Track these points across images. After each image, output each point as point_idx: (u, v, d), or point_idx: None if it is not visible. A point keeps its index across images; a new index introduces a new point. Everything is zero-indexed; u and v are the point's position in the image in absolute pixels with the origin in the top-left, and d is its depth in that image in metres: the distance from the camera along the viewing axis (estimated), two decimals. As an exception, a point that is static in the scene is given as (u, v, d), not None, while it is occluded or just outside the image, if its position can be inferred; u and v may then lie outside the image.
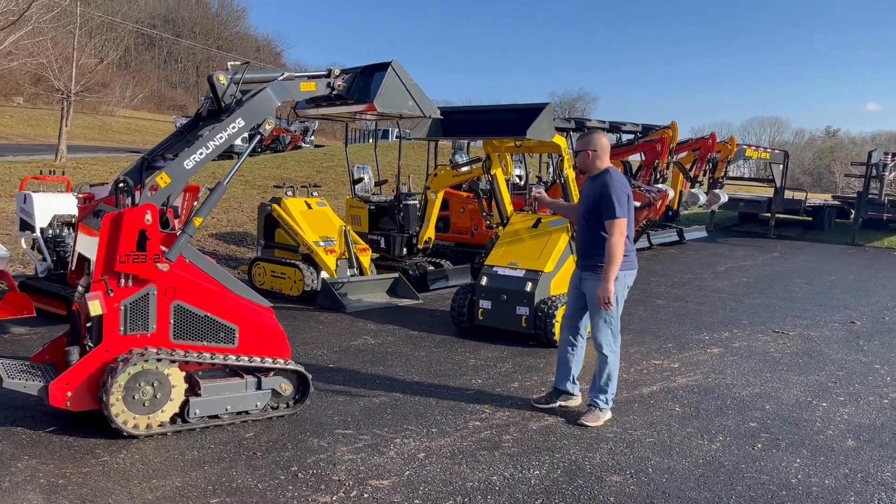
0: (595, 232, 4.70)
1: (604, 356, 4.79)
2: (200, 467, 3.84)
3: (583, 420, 4.77)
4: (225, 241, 12.05)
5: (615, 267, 4.53)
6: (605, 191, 4.59)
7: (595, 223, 4.69)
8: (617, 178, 4.70)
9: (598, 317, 4.72)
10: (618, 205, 4.54)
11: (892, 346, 7.41)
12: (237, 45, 61.95)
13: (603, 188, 4.62)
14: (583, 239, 4.85)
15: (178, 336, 4.29)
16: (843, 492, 3.90)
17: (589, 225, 4.76)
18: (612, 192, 4.57)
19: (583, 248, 4.85)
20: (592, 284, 4.67)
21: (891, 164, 19.39)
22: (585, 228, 4.81)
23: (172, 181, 4.18)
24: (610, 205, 4.55)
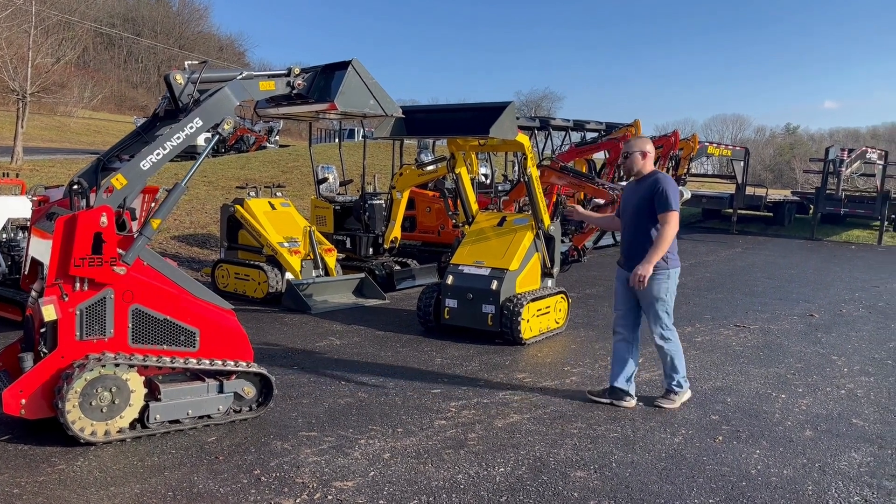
0: (646, 230, 4.94)
1: (660, 345, 5.06)
2: (161, 473, 3.78)
3: (659, 402, 5.11)
4: (188, 243, 11.87)
5: (660, 252, 4.82)
6: (659, 186, 4.87)
7: (647, 222, 4.93)
8: (667, 177, 5.03)
9: (653, 309, 4.99)
10: (672, 199, 4.84)
11: (849, 337, 7.59)
12: (199, 44, 61.10)
13: (655, 185, 4.90)
14: (633, 239, 5.05)
15: (136, 340, 4.21)
16: (801, 481, 3.97)
17: (639, 225, 4.99)
18: (667, 188, 4.87)
19: (633, 249, 5.03)
20: (649, 282, 4.88)
21: (847, 161, 19.84)
22: (634, 229, 5.03)
23: (129, 182, 4.10)
24: (666, 198, 4.83)
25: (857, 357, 6.76)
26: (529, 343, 6.78)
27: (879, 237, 18.34)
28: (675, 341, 5.11)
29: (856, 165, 21.08)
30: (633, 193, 5.09)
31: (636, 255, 4.95)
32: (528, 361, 6.28)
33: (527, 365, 6.16)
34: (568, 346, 6.88)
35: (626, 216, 5.12)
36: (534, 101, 69.05)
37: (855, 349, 7.07)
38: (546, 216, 7.35)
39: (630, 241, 5.06)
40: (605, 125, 15.71)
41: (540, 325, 6.99)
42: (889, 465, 4.23)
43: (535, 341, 6.88)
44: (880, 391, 5.71)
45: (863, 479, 4.04)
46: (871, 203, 18.60)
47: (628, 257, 5.06)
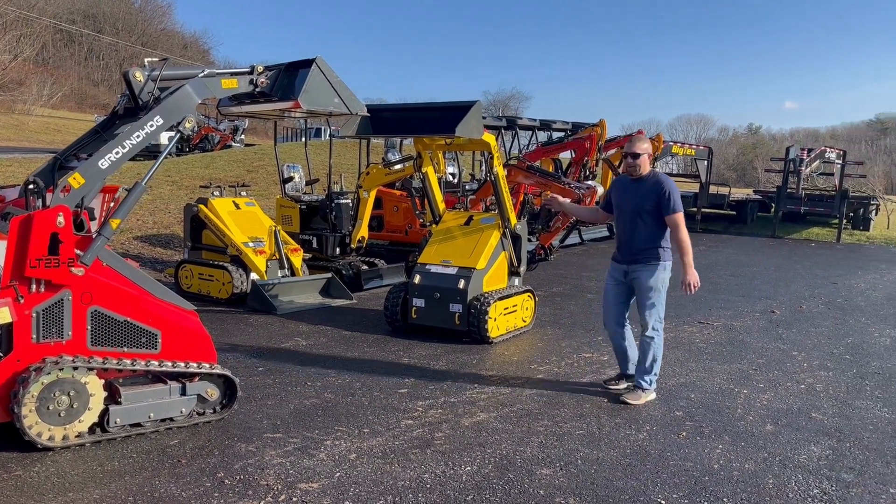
0: (650, 228, 5.13)
1: (650, 338, 5.20)
2: (121, 478, 3.71)
3: (625, 398, 5.20)
4: (150, 244, 11.68)
5: (690, 252, 5.09)
6: (665, 189, 5.08)
7: (650, 220, 5.12)
8: (669, 178, 5.24)
9: (649, 301, 5.17)
10: (679, 200, 5.11)
11: (809, 333, 7.74)
12: (163, 41, 60.17)
13: (660, 186, 5.10)
14: (633, 236, 5.21)
15: (95, 342, 4.12)
16: (762, 475, 4.04)
17: (642, 222, 5.15)
18: (673, 189, 5.09)
19: (632, 245, 5.21)
20: (647, 274, 5.14)
21: (807, 160, 20.25)
22: (636, 226, 5.18)
23: (86, 182, 4.02)
24: (675, 201, 5.06)
25: (816, 352, 6.90)
26: (497, 342, 6.80)
27: (838, 235, 18.75)
28: (662, 339, 5.29)
29: (815, 165, 21.51)
30: (632, 192, 5.25)
31: (639, 249, 5.18)
32: (496, 360, 6.29)
33: (494, 364, 6.17)
34: (535, 345, 6.91)
35: (625, 214, 5.27)
36: (501, 101, 69.33)
37: (814, 345, 7.22)
38: (513, 215, 7.37)
39: (633, 236, 5.21)
40: (572, 125, 15.80)
41: (507, 324, 7.01)
42: (847, 458, 4.32)
43: (502, 340, 6.89)
44: (839, 385, 5.84)
45: (822, 472, 4.12)
46: (830, 201, 19.01)
47: (629, 251, 5.24)
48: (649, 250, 5.15)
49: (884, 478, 4.07)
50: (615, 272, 5.36)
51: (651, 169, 5.29)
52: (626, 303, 5.38)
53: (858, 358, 6.75)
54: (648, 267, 5.14)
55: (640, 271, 5.18)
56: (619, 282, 5.32)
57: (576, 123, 15.71)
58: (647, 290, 5.17)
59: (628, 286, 5.30)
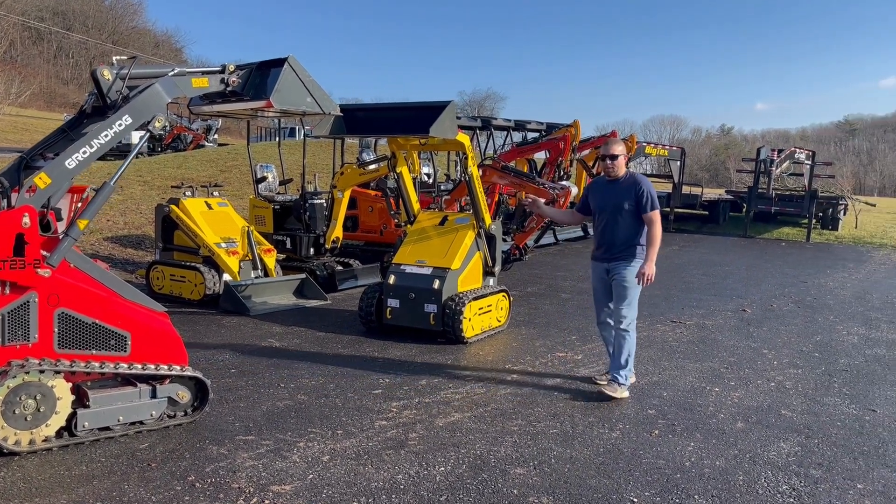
0: (629, 226, 5.30)
1: (624, 333, 5.33)
2: (89, 482, 3.64)
3: (605, 390, 5.34)
4: (121, 245, 11.52)
5: (657, 249, 5.22)
6: (643, 188, 5.26)
7: (629, 218, 5.29)
8: (645, 178, 5.42)
9: (626, 298, 5.30)
10: (656, 199, 5.29)
11: (780, 332, 7.85)
12: (134, 40, 59.46)
13: (637, 186, 5.28)
14: (613, 235, 5.36)
15: (63, 345, 4.05)
16: (732, 472, 4.08)
17: (622, 220, 5.32)
18: (650, 189, 5.28)
19: (613, 243, 5.37)
20: (626, 271, 5.28)
21: (777, 161, 20.54)
22: (616, 225, 5.34)
23: (53, 181, 3.94)
24: (652, 200, 5.25)
25: (786, 350, 7.00)
26: (471, 342, 6.80)
27: (808, 234, 19.04)
28: (635, 334, 5.43)
29: (785, 165, 21.84)
30: (610, 192, 5.41)
31: (619, 247, 5.33)
32: (470, 360, 6.29)
33: (468, 364, 6.18)
34: (509, 345, 6.92)
35: (604, 214, 5.41)
36: (477, 101, 69.53)
37: (784, 343, 7.32)
38: (487, 215, 7.38)
39: (614, 235, 5.36)
40: (546, 125, 15.88)
41: (482, 324, 7.02)
42: (815, 455, 4.39)
43: (477, 340, 6.90)
44: (808, 383, 5.92)
45: (791, 468, 4.18)
46: (800, 201, 19.31)
47: (609, 249, 5.39)
48: (629, 248, 5.32)
49: (851, 473, 4.13)
50: (598, 270, 5.52)
51: (627, 170, 5.44)
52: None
53: (827, 355, 6.86)
54: (628, 264, 5.30)
55: (620, 268, 5.32)
56: (603, 279, 5.48)
57: (550, 124, 15.79)
58: (624, 286, 5.30)
59: (611, 283, 5.43)
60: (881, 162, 74.76)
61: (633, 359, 5.42)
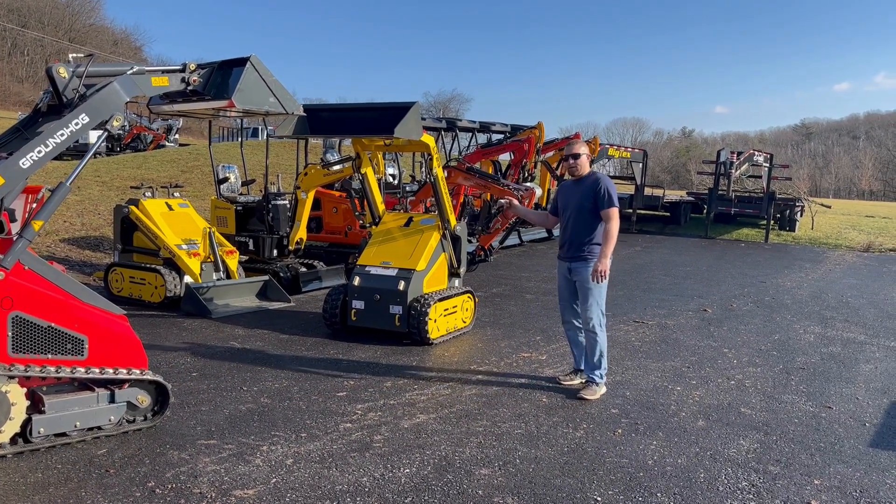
0: (590, 225, 5.35)
1: (594, 334, 5.37)
2: (45, 490, 3.55)
3: (582, 394, 5.35)
4: (79, 247, 11.27)
5: (612, 246, 5.22)
6: (602, 185, 5.29)
7: (589, 217, 5.34)
8: (606, 176, 5.45)
9: (589, 298, 5.33)
10: (615, 197, 5.30)
11: (739, 331, 7.99)
12: (91, 37, 58.20)
13: (597, 184, 5.31)
14: (576, 233, 5.40)
15: (17, 349, 3.94)
16: (693, 469, 4.14)
17: (582, 219, 5.37)
18: (609, 187, 5.30)
19: (576, 242, 5.40)
20: (587, 270, 5.29)
21: (736, 163, 20.91)
22: (578, 224, 5.39)
23: (6, 182, 3.83)
24: (610, 196, 5.27)
25: (745, 349, 7.13)
26: (437, 343, 6.80)
27: (766, 235, 19.42)
28: (605, 333, 5.48)
29: (744, 167, 22.24)
30: (574, 192, 5.48)
31: (580, 246, 5.37)
32: (436, 361, 6.29)
33: (434, 365, 6.17)
34: (475, 345, 6.93)
35: (568, 213, 5.47)
36: (442, 103, 69.54)
37: (744, 342, 7.46)
38: (452, 216, 7.38)
39: (577, 234, 5.40)
40: (511, 127, 15.95)
41: (447, 325, 7.02)
42: (774, 451, 4.47)
43: (442, 341, 6.90)
44: (766, 381, 6.04)
45: (750, 464, 4.25)
46: (759, 203, 19.68)
47: (573, 248, 5.42)
48: (588, 246, 5.35)
49: (809, 469, 4.22)
50: (562, 269, 5.56)
51: (591, 170, 5.49)
52: (576, 296, 5.55)
53: (785, 354, 7.00)
54: (588, 263, 5.33)
55: (582, 268, 5.35)
56: (567, 278, 5.51)
57: (515, 126, 15.87)
58: (587, 286, 5.33)
59: (574, 282, 5.46)
60: (836, 165, 76.75)
61: (605, 359, 5.49)
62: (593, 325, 5.36)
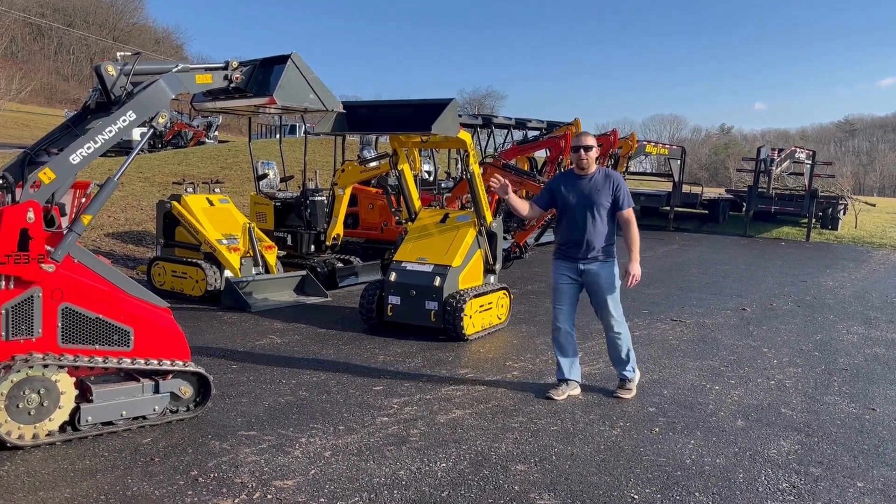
0: (607, 225, 5.13)
1: (618, 334, 5.23)
2: (92, 476, 3.66)
3: (619, 394, 5.29)
4: (123, 241, 11.53)
5: (638, 246, 5.10)
6: (619, 184, 5.14)
7: (606, 217, 5.13)
8: (618, 174, 5.30)
9: (610, 300, 5.16)
10: (630, 196, 5.18)
11: (779, 330, 7.87)
12: (134, 36, 59.39)
13: (613, 183, 5.14)
14: (588, 233, 5.12)
15: (66, 340, 4.07)
16: (732, 469, 4.10)
17: (599, 218, 5.11)
18: (625, 185, 5.17)
19: (590, 242, 5.13)
20: (605, 273, 5.15)
21: (777, 160, 20.54)
22: (593, 223, 5.11)
23: (57, 177, 3.96)
24: (628, 196, 5.13)
25: (786, 349, 7.02)
26: (472, 339, 6.82)
27: (807, 234, 19.05)
28: (628, 330, 5.34)
29: (785, 165, 21.84)
30: (581, 187, 5.16)
31: (594, 246, 5.13)
32: (471, 357, 6.31)
33: (469, 361, 6.19)
34: (510, 342, 6.94)
35: (576, 210, 5.15)
36: (477, 100, 69.44)
37: (784, 341, 7.34)
38: (488, 213, 7.39)
39: (587, 235, 5.11)
40: (547, 124, 15.89)
41: (482, 321, 7.04)
42: (815, 453, 4.41)
43: (477, 337, 6.92)
44: (807, 381, 5.94)
45: (791, 465, 4.19)
46: (800, 201, 19.31)
47: (584, 248, 5.14)
48: (606, 248, 5.16)
49: (851, 472, 4.15)
50: (567, 270, 5.25)
51: (598, 165, 5.27)
52: (578, 300, 5.35)
53: (827, 355, 6.88)
54: (606, 265, 5.15)
55: (599, 270, 5.15)
56: (574, 280, 5.24)
57: (551, 122, 15.80)
58: (606, 288, 5.16)
59: (581, 285, 5.26)
60: (881, 162, 74.80)
61: (633, 352, 5.35)
62: (615, 325, 5.19)
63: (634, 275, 5.04)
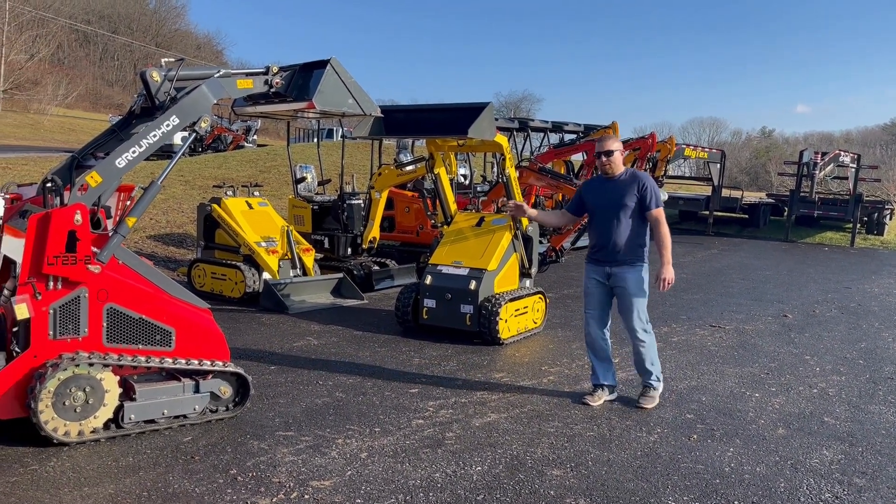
0: (633, 227, 5.04)
1: (643, 341, 5.14)
2: (135, 473, 3.75)
3: (641, 403, 5.16)
4: (164, 243, 11.76)
5: (670, 249, 5.03)
6: (645, 184, 5.02)
7: (633, 219, 5.03)
8: (644, 173, 5.21)
9: (635, 304, 5.06)
10: (659, 195, 5.06)
11: (822, 338, 7.70)
12: (176, 42, 60.59)
13: (640, 183, 5.03)
14: (617, 236, 5.05)
15: (111, 339, 4.17)
16: (773, 478, 4.03)
17: (625, 221, 5.03)
18: (653, 184, 5.05)
19: (617, 245, 5.06)
20: (633, 276, 5.05)
21: (821, 164, 20.13)
22: (619, 226, 5.04)
23: (104, 180, 4.07)
24: (656, 196, 5.01)
25: (829, 357, 6.87)
26: (507, 343, 6.81)
27: (852, 239, 18.63)
28: (653, 338, 5.25)
29: (829, 168, 21.39)
30: (608, 191, 5.12)
31: (622, 249, 5.05)
32: (506, 361, 6.30)
33: (504, 365, 6.18)
34: (545, 346, 6.91)
35: (604, 214, 5.12)
36: (513, 103, 69.29)
37: (827, 349, 7.18)
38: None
39: (616, 236, 5.05)
40: (584, 127, 15.79)
41: (518, 325, 7.02)
42: (859, 463, 4.31)
43: (512, 341, 6.90)
44: (851, 390, 5.81)
45: (834, 476, 4.10)
46: (844, 206, 18.90)
47: (612, 251, 5.08)
48: (634, 251, 5.06)
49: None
50: (597, 274, 5.22)
51: (625, 167, 5.20)
52: (610, 305, 5.30)
53: (871, 363, 6.72)
54: (634, 269, 5.07)
55: (626, 274, 5.07)
56: (603, 284, 5.20)
57: (588, 125, 15.70)
58: (634, 292, 5.06)
59: (611, 288, 5.20)
60: (929, 166, 72.74)
61: (658, 362, 5.25)
62: (641, 332, 5.10)
63: (666, 279, 4.94)
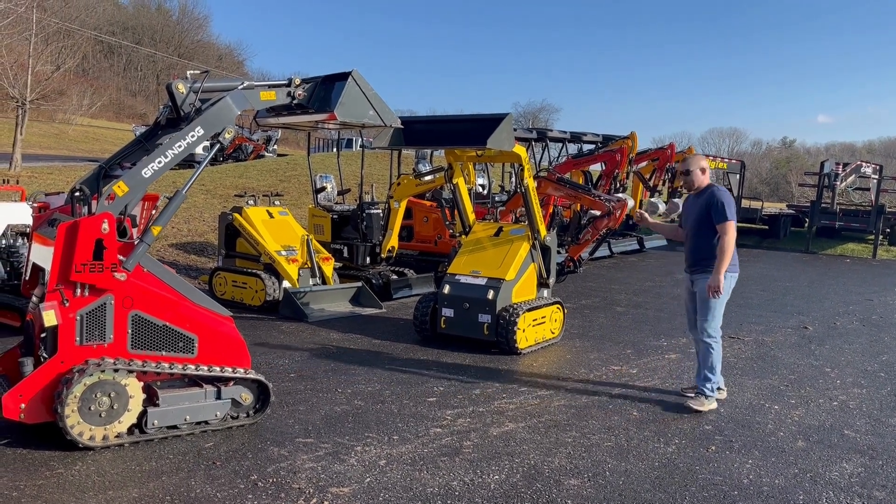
0: (706, 239, 5.38)
1: (707, 344, 5.39)
2: (158, 478, 3.81)
3: (690, 403, 5.38)
4: (185, 251, 11.91)
5: (726, 261, 5.23)
6: (715, 199, 5.32)
7: (706, 231, 5.38)
8: (723, 189, 5.50)
9: (705, 310, 5.37)
10: (728, 210, 5.28)
11: (843, 350, 7.64)
12: (199, 53, 61.26)
13: (711, 197, 5.36)
14: (695, 247, 5.49)
15: (136, 346, 4.25)
16: (792, 491, 4.02)
17: (700, 234, 5.43)
18: (723, 199, 5.32)
19: (695, 256, 5.50)
20: (705, 282, 5.32)
21: (842, 175, 19.95)
22: (696, 238, 5.47)
23: (130, 190, 4.16)
24: (723, 210, 5.27)
25: (849, 369, 6.82)
26: (525, 353, 6.83)
27: (874, 251, 18.43)
28: (720, 345, 5.45)
29: (851, 179, 21.20)
30: (694, 205, 5.55)
31: (699, 259, 5.44)
32: (524, 371, 6.32)
33: (522, 374, 6.20)
34: (563, 356, 6.92)
35: (688, 226, 5.58)
36: (531, 113, 69.26)
37: (848, 361, 7.13)
38: (542, 227, 7.41)
39: (695, 248, 5.48)
40: (602, 137, 15.79)
41: (535, 335, 7.03)
42: (880, 476, 4.28)
43: (530, 351, 6.92)
44: (872, 403, 5.76)
45: (853, 489, 4.08)
46: (866, 217, 18.71)
47: (693, 262, 5.52)
48: (707, 259, 5.36)
49: (917, 497, 4.02)
50: (686, 282, 5.68)
51: (710, 183, 5.54)
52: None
53: (893, 375, 6.65)
54: (705, 276, 5.36)
55: (702, 280, 5.39)
56: (690, 290, 5.60)
57: (606, 136, 15.70)
58: (703, 298, 5.37)
59: (695, 294, 5.52)
60: (954, 176, 71.70)
61: (717, 372, 5.45)
62: (706, 337, 5.37)
63: (711, 286, 5.23)
